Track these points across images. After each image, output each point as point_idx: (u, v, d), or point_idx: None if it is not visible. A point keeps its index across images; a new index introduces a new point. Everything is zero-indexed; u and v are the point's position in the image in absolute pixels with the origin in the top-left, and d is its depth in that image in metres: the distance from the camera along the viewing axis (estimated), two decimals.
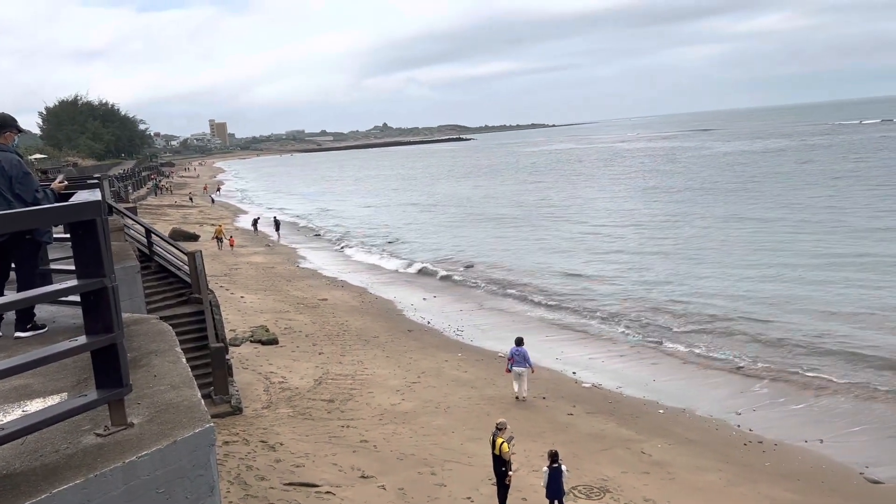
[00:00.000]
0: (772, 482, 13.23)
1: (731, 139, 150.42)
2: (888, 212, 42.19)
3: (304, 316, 26.87)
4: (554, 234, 45.18)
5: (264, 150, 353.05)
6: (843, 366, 19.11)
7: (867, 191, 52.22)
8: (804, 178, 64.66)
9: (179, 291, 18.22)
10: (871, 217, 41.11)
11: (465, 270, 36.42)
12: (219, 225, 51.08)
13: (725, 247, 35.92)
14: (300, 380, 19.01)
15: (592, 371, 20.55)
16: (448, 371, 20.27)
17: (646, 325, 24.56)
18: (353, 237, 51.97)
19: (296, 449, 14.18)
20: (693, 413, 17.04)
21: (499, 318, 27.12)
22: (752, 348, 21.25)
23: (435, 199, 75.86)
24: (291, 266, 39.93)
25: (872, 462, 14.02)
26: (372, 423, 15.97)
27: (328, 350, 22.14)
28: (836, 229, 38.14)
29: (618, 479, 13.20)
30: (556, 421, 16.35)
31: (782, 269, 30.17)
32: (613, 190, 68.55)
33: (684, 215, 48.35)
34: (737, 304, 25.64)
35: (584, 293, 29.73)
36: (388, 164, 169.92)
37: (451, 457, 14.18)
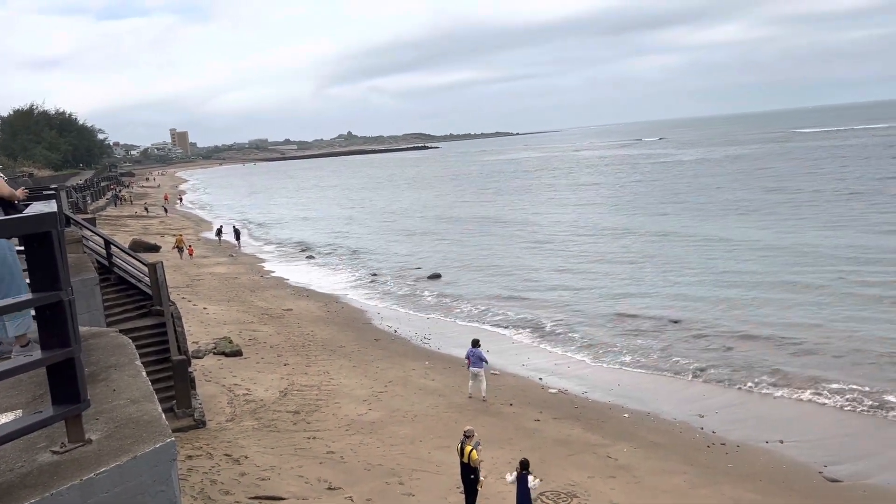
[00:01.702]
0: (735, 483, 13.44)
1: (688, 147, 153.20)
2: (837, 217, 43.33)
3: (268, 327, 26.58)
4: (518, 243, 45.41)
5: (227, 160, 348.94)
6: (802, 368, 19.50)
7: (812, 199, 53.56)
8: (761, 183, 66.06)
9: (140, 303, 17.89)
10: (827, 223, 42.16)
11: (431, 279, 36.42)
12: (179, 235, 50.50)
13: (683, 254, 36.29)
14: (265, 391, 18.78)
15: (559, 377, 20.68)
16: (415, 379, 20.22)
17: (611, 331, 24.80)
18: (318, 246, 51.61)
19: (261, 462, 13.99)
20: (658, 416, 17.25)
21: (465, 325, 27.15)
22: (713, 353, 21.57)
23: (400, 208, 75.77)
24: (255, 276, 39.49)
25: (831, 461, 14.33)
26: (338, 434, 15.83)
27: (293, 361, 21.91)
28: (795, 234, 39.02)
29: (585, 485, 13.29)
30: (524, 427, 16.40)
31: (738, 275, 30.59)
32: (573, 198, 69.04)
33: (643, 224, 48.97)
34: (696, 311, 25.98)
35: (550, 300, 29.92)
36: (352, 173, 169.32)
37: (419, 466, 14.13)
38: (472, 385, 18.59)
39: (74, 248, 15.13)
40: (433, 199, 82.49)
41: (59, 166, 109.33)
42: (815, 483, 13.51)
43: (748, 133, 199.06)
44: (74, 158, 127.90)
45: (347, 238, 54.74)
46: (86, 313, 12.22)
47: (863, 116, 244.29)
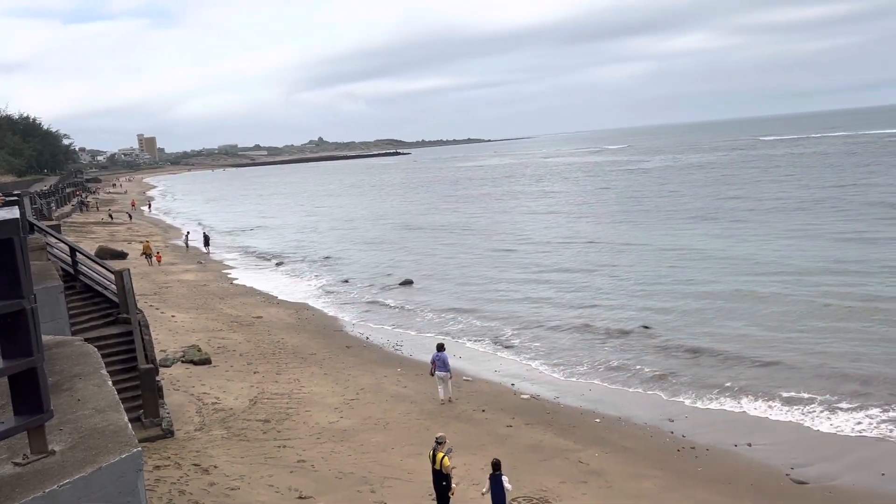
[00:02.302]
0: (704, 486, 13.58)
1: (654, 154, 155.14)
2: (801, 225, 44.17)
3: (238, 334, 26.29)
4: (488, 251, 45.47)
5: (195, 165, 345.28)
6: (769, 374, 19.78)
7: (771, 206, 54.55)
8: (724, 190, 67.13)
9: (106, 311, 17.59)
10: (790, 232, 42.93)
11: (402, 286, 36.34)
12: (146, 241, 49.87)
13: (647, 263, 36.40)
14: (234, 400, 18.56)
15: (531, 382, 20.76)
16: (387, 386, 20.14)
17: (578, 339, 24.95)
18: (289, 253, 51.24)
19: (230, 471, 13.80)
20: (629, 421, 17.38)
21: (437, 332, 27.12)
22: (681, 360, 21.80)
23: (371, 215, 75.62)
24: (224, 283, 39.06)
25: (797, 463, 14.55)
26: (309, 443, 15.70)
27: (263, 369, 21.70)
28: (758, 242, 39.67)
29: (557, 490, 13.33)
30: (496, 433, 16.42)
31: (703, 284, 30.73)
32: (541, 206, 69.31)
33: (608, 233, 49.44)
34: (663, 319, 26.08)
35: (520, 306, 30.03)
36: (323, 179, 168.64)
37: (391, 473, 14.06)
38: (441, 390, 18.80)
39: (38, 255, 14.83)
40: (403, 207, 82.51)
41: (22, 172, 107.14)
42: (783, 485, 13.70)
43: (714, 141, 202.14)
44: (39, 164, 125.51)
45: (317, 245, 54.44)
46: (50, 322, 11.99)
47: (825, 125, 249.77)
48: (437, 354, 18.77)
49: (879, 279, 27.57)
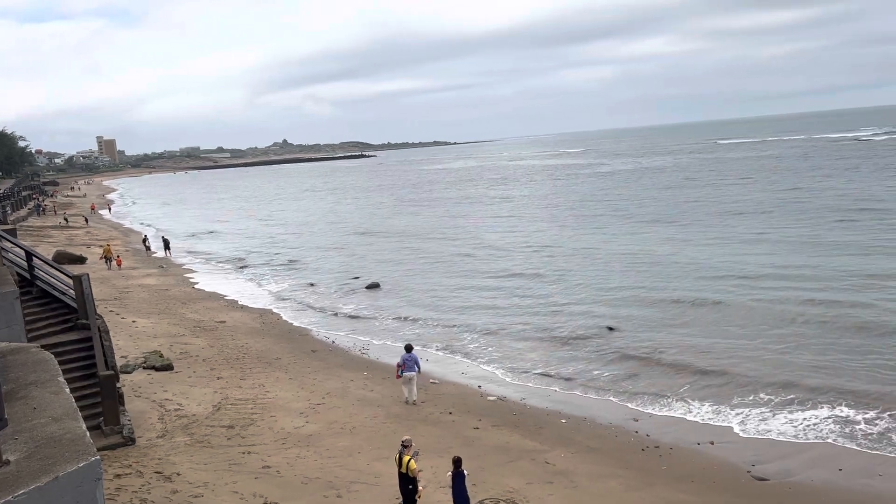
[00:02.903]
0: (668, 485, 13.76)
1: (617, 157, 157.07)
2: (759, 229, 45.09)
3: (201, 339, 25.92)
4: (452, 255, 45.49)
5: (157, 168, 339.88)
6: (727, 377, 20.08)
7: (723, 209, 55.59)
8: (684, 193, 68.24)
9: (65, 317, 17.21)
10: (747, 237, 43.74)
11: (368, 290, 36.19)
12: (106, 245, 48.99)
13: (606, 267, 36.52)
14: (198, 406, 18.29)
15: (497, 384, 20.83)
16: (354, 390, 20.04)
17: (547, 338, 25.11)
18: (252, 257, 50.69)
19: (194, 478, 13.59)
20: (594, 421, 17.54)
21: (404, 334, 27.07)
22: (645, 361, 22.05)
23: (336, 219, 75.25)
24: (187, 288, 38.49)
25: (758, 461, 14.84)
26: (275, 448, 15.53)
27: (227, 374, 21.42)
28: (715, 247, 40.36)
29: (523, 491, 13.38)
30: (463, 435, 16.43)
31: (661, 291, 31.07)
32: (501, 209, 69.57)
33: (572, 236, 49.91)
34: (623, 322, 26.36)
35: (483, 310, 30.12)
36: (287, 182, 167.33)
37: (358, 478, 13.98)
38: (406, 391, 18.94)
39: None
40: (367, 210, 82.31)
41: None
42: (744, 482, 13.95)
43: (675, 144, 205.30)
44: None
45: (281, 249, 53.96)
46: (5, 328, 11.70)
47: (784, 128, 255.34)
48: (407, 355, 18.86)
49: (833, 283, 27.97)
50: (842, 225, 41.27)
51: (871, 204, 47.60)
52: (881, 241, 34.89)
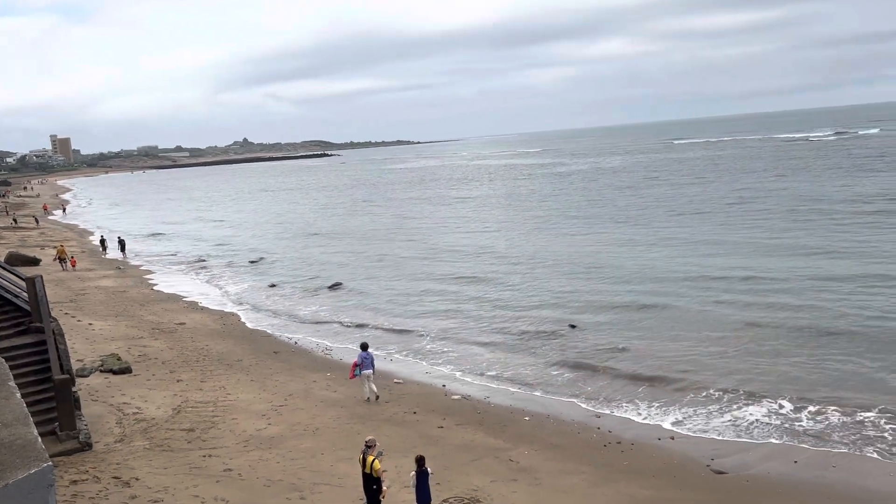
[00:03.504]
0: (630, 480, 13.94)
1: (578, 157, 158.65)
2: (720, 228, 45.93)
3: (160, 342, 25.47)
4: (415, 253, 45.48)
5: (114, 167, 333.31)
6: (685, 371, 20.45)
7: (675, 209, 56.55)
8: (640, 193, 69.21)
9: (17, 321, 16.76)
10: (707, 238, 44.50)
11: (330, 290, 35.96)
12: (60, 245, 47.91)
13: (566, 264, 36.94)
14: (157, 409, 17.97)
15: (461, 383, 20.87)
16: (317, 392, 19.89)
17: (508, 335, 25.25)
18: (212, 258, 49.98)
19: (153, 483, 13.35)
20: (557, 418, 17.68)
21: (367, 335, 26.96)
22: (606, 355, 22.34)
23: (296, 219, 74.66)
24: (145, 289, 37.79)
25: (717, 454, 15.12)
26: (236, 451, 15.34)
27: (187, 376, 21.09)
28: (673, 249, 40.99)
29: (487, 489, 13.43)
30: (427, 435, 16.42)
31: (618, 294, 31.41)
32: (460, 210, 69.69)
33: (534, 234, 50.25)
34: (584, 320, 26.62)
35: (447, 310, 30.15)
36: (247, 181, 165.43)
37: (322, 479, 13.88)
38: (367, 389, 19.10)
39: None
40: (327, 210, 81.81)
41: None
42: (704, 476, 14.20)
43: (633, 144, 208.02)
44: None
45: (242, 249, 53.28)
46: None
47: (738, 128, 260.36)
48: (364, 354, 19.13)
49: (785, 285, 28.13)
50: (793, 226, 41.57)
51: (821, 205, 48.31)
52: (832, 243, 35.27)
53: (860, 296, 25.62)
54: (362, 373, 18.98)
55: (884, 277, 27.70)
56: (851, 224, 40.38)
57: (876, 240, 35.15)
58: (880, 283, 27.06)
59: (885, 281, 27.19)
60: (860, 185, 57.87)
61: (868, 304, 24.53)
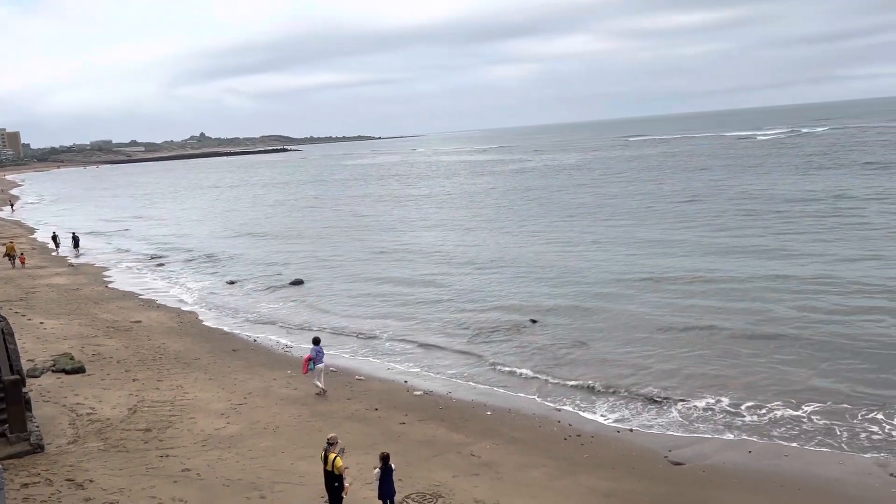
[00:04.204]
0: (590, 472, 14.11)
1: (536, 154, 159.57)
2: (677, 225, 46.70)
3: (114, 340, 24.94)
4: (376, 250, 45.32)
5: (66, 162, 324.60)
6: (642, 365, 20.82)
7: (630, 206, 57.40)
8: (600, 190, 70.02)
9: None
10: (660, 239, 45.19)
11: (291, 287, 35.61)
12: (9, 242, 46.55)
13: (524, 263, 36.93)
14: (112, 410, 17.61)
15: (423, 379, 20.88)
16: (277, 389, 19.70)
17: (468, 329, 25.33)
18: (168, 253, 49.12)
19: (108, 485, 13.08)
20: (518, 412, 17.81)
21: (329, 332, 26.80)
22: (565, 350, 22.57)
23: (255, 215, 73.79)
24: (99, 287, 36.93)
25: (675, 446, 15.40)
26: (194, 450, 15.11)
27: (143, 376, 20.70)
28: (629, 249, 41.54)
29: (449, 484, 13.47)
30: (390, 431, 16.39)
31: (576, 282, 31.77)
32: (420, 206, 69.68)
33: (493, 231, 50.47)
34: (544, 314, 26.76)
35: (409, 306, 30.14)
36: (204, 177, 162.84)
37: (282, 478, 13.76)
38: (319, 382, 19.30)
39: None
40: (285, 206, 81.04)
41: None
42: (662, 467, 14.45)
43: (591, 141, 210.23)
44: None
45: (199, 245, 52.43)
46: None
47: (694, 126, 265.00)
48: (317, 348, 19.34)
49: (732, 286, 28.19)
50: (743, 225, 41.70)
51: (769, 205, 48.13)
52: (782, 243, 35.28)
53: (805, 298, 25.58)
54: (316, 367, 19.17)
55: (830, 279, 27.67)
56: (799, 221, 41.06)
57: (820, 239, 35.52)
58: (826, 285, 26.98)
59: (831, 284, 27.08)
60: (807, 183, 59.02)
61: (812, 306, 24.56)
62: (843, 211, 43.33)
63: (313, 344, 19.66)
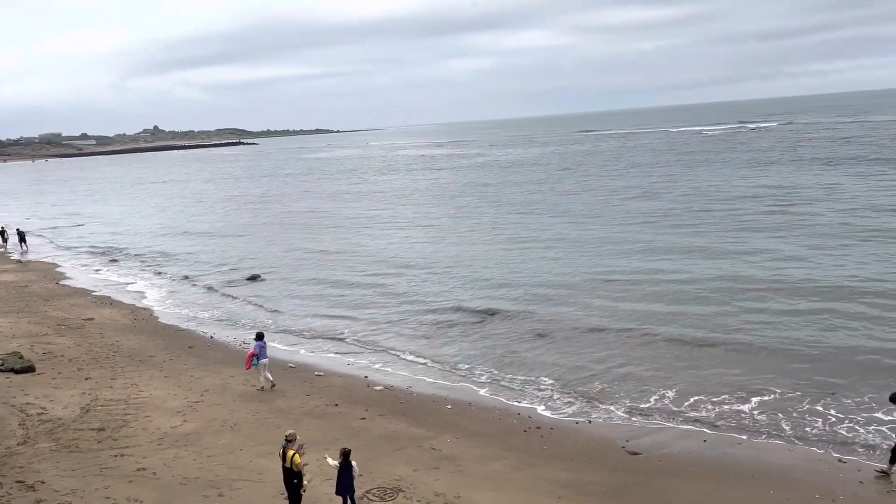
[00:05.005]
0: (549, 464, 14.27)
1: (497, 148, 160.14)
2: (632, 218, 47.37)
3: (66, 339, 24.33)
4: (332, 245, 44.93)
5: (12, 156, 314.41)
6: (597, 358, 21.09)
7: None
8: (560, 184, 70.60)
9: None
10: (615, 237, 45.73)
11: (248, 282, 35.15)
12: None
13: (482, 257, 37.25)
14: (64, 409, 17.19)
15: (384, 374, 20.84)
16: (234, 386, 19.45)
17: (426, 325, 25.37)
18: (121, 249, 48.03)
19: (60, 486, 12.78)
20: (478, 405, 17.91)
21: (286, 328, 26.59)
22: (524, 344, 22.77)
23: (211, 210, 72.61)
24: (49, 284, 35.95)
25: (631, 436, 15.67)
26: (150, 449, 14.85)
27: (96, 374, 20.24)
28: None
29: (410, 478, 13.48)
30: (349, 427, 16.33)
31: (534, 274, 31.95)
32: (385, 200, 69.42)
33: (450, 224, 50.56)
34: (501, 306, 27.08)
35: (367, 301, 30.02)
36: (158, 171, 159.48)
37: (241, 475, 13.60)
38: (263, 378, 19.18)
39: None
40: (242, 201, 79.92)
41: None
42: (619, 457, 14.69)
43: (552, 135, 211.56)
44: None
45: (152, 241, 51.41)
46: None
47: (648, 120, 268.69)
48: (260, 343, 19.14)
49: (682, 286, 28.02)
50: (693, 223, 41.66)
51: (723, 203, 47.83)
52: (732, 243, 35.04)
53: (752, 298, 25.60)
54: (260, 362, 19.03)
55: (777, 280, 27.57)
56: (747, 219, 40.94)
57: (770, 236, 35.63)
58: (773, 283, 27.01)
59: (777, 282, 27.14)
60: (756, 179, 59.50)
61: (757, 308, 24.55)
62: (792, 209, 42.81)
63: (256, 339, 19.39)
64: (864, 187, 49.60)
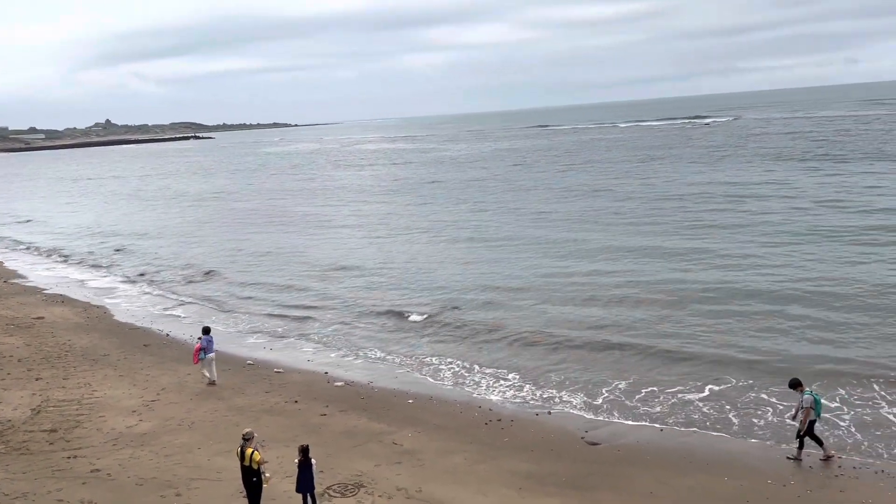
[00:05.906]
0: (511, 456, 14.38)
1: (454, 142, 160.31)
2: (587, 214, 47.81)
3: (14, 338, 23.65)
4: (290, 241, 44.50)
5: None
6: (558, 353, 21.31)
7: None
8: (517, 180, 70.94)
9: None
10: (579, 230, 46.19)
11: (204, 278, 34.61)
12: None
13: (442, 249, 37.39)
14: (13, 411, 16.73)
15: (345, 369, 20.71)
16: (192, 385, 19.16)
17: (386, 319, 25.32)
18: (71, 247, 46.84)
19: (10, 489, 12.43)
20: (440, 399, 17.94)
21: (244, 325, 26.27)
22: (484, 336, 22.89)
23: (165, 205, 71.24)
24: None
25: (591, 427, 15.88)
26: (104, 450, 14.54)
27: (48, 374, 19.73)
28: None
29: (371, 473, 13.44)
30: (309, 423, 16.21)
31: (496, 268, 32.31)
32: (345, 196, 68.90)
33: (410, 219, 50.46)
34: (456, 301, 27.09)
35: (325, 297, 29.76)
36: (110, 166, 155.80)
37: (198, 474, 13.41)
38: (208, 372, 19.19)
39: None
40: (199, 195, 78.58)
41: None
42: (579, 447, 14.88)
43: (508, 130, 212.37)
44: None
45: (105, 237, 50.29)
46: None
47: (605, 116, 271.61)
48: (207, 338, 19.16)
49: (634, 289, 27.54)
50: (645, 221, 41.44)
51: (675, 201, 47.45)
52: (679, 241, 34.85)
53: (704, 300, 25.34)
54: (206, 357, 19.00)
55: (726, 281, 27.28)
56: (697, 215, 41.11)
57: (722, 235, 35.44)
58: (722, 284, 26.76)
59: (727, 283, 26.91)
60: (708, 174, 60.01)
61: (708, 310, 24.22)
62: (742, 205, 42.89)
63: (203, 334, 19.30)
64: (814, 182, 50.62)
